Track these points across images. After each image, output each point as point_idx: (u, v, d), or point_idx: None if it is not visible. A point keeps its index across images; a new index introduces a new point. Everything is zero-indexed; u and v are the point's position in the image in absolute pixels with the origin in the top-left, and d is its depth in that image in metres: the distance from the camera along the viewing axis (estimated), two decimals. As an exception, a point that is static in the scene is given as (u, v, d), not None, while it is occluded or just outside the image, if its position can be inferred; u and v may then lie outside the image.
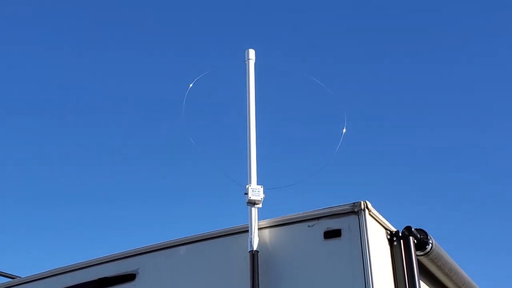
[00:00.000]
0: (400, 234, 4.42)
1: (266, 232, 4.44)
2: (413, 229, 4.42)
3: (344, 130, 4.82)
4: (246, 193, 4.48)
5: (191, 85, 5.04)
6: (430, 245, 4.53)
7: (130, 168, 15.27)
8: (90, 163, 15.43)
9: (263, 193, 4.50)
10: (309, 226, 4.32)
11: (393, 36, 15.85)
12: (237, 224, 4.56)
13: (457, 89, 15.82)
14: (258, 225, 4.42)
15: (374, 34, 15.63)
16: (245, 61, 5.10)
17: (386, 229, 4.42)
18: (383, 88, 15.46)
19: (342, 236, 4.19)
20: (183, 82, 5.24)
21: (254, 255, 4.30)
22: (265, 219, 4.49)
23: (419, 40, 15.78)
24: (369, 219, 4.20)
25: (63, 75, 15.20)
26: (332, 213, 4.27)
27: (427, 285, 4.90)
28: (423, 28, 15.71)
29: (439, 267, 4.84)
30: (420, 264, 4.50)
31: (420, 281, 4.35)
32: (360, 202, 4.20)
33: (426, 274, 4.84)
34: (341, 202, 4.30)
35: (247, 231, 4.40)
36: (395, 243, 4.41)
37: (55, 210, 15.61)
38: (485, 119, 15.82)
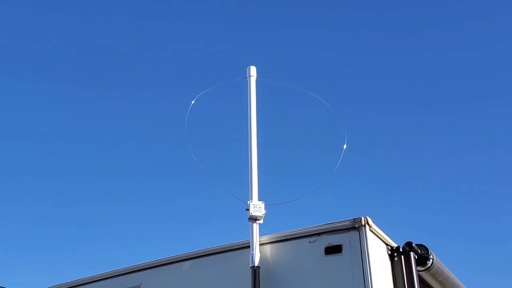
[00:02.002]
0: (401, 250, 4.44)
1: (268, 247, 4.46)
2: (413, 245, 4.43)
3: (345, 146, 4.85)
4: (248, 209, 4.51)
5: (193, 102, 5.07)
6: (431, 260, 4.55)
7: (133, 184, 15.29)
8: (92, 180, 15.46)
9: (265, 209, 4.52)
10: (310, 242, 4.34)
11: (393, 50, 15.91)
12: (239, 240, 4.58)
13: (458, 101, 15.88)
14: (259, 241, 4.44)
15: (375, 47, 15.70)
16: (246, 78, 5.14)
17: (386, 244, 4.44)
18: (383, 104, 15.50)
19: (343, 251, 4.21)
20: (185, 99, 5.28)
21: (255, 270, 4.32)
22: (266, 234, 4.51)
23: (420, 54, 15.84)
24: (369, 234, 4.22)
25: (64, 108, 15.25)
26: (333, 229, 4.29)
27: (428, 300, 4.91)
28: (427, 46, 15.79)
29: (440, 282, 4.85)
30: (421, 280, 4.52)
31: (421, 297, 4.38)
32: (361, 218, 4.22)
33: (427, 289, 4.86)
34: (341, 218, 4.32)
35: (249, 246, 4.43)
36: (395, 258, 4.43)
37: (58, 225, 15.62)
38: (486, 134, 15.84)
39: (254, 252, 4.37)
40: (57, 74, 15.29)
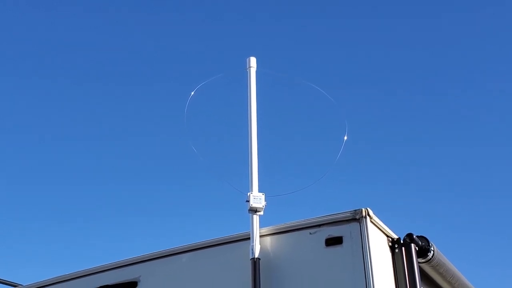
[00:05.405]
0: (402, 241, 4.42)
1: (268, 239, 4.44)
2: (414, 236, 4.41)
3: (346, 138, 4.82)
4: (248, 201, 4.49)
5: (192, 93, 5.05)
6: (432, 252, 4.53)
7: (132, 177, 15.29)
8: (91, 173, 15.45)
9: (265, 201, 4.50)
10: (310, 233, 4.32)
11: (393, 40, 15.86)
12: (239, 232, 4.56)
13: (458, 90, 15.84)
14: (259, 233, 4.42)
15: (376, 36, 15.65)
16: (246, 69, 5.11)
17: (387, 236, 4.42)
18: (383, 94, 15.47)
19: (343, 243, 4.19)
20: (184, 90, 5.25)
21: (255, 262, 4.30)
22: (266, 226, 4.49)
23: (419, 46, 15.79)
24: (370, 226, 4.20)
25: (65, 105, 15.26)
26: (334, 220, 4.27)
27: (429, 292, 4.89)
28: (424, 37, 15.72)
29: (441, 274, 4.84)
30: (422, 272, 4.50)
31: (422, 288, 4.36)
32: (362, 210, 4.20)
33: (428, 281, 4.83)
34: (342, 209, 4.30)
35: (249, 238, 4.41)
36: (396, 250, 4.41)
37: (57, 218, 15.62)
38: (487, 125, 15.82)
39: (254, 244, 4.36)
40: (57, 73, 15.30)
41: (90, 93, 15.33)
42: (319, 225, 4.31)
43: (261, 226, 4.46)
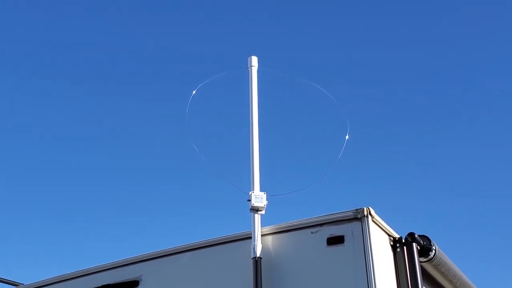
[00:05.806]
0: (403, 241, 4.41)
1: (269, 238, 4.43)
2: (416, 236, 4.41)
3: (347, 137, 4.82)
4: (249, 200, 4.48)
5: (194, 92, 5.04)
6: (434, 251, 4.53)
7: (133, 177, 15.27)
8: (91, 173, 15.43)
9: (266, 200, 4.50)
10: (312, 232, 4.32)
11: (393, 40, 15.85)
12: (240, 231, 4.56)
13: (459, 89, 15.82)
14: (261, 232, 4.42)
15: (376, 36, 15.64)
16: (247, 68, 5.10)
17: (389, 235, 4.41)
18: (384, 94, 15.46)
19: (345, 242, 4.19)
20: (184, 90, 5.24)
21: (257, 261, 4.29)
22: (268, 225, 4.49)
23: (419, 46, 15.77)
24: (372, 225, 4.19)
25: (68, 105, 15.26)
26: (335, 219, 4.27)
27: (431, 292, 4.89)
28: (428, 36, 15.71)
29: (443, 274, 4.83)
30: (423, 271, 4.50)
31: (424, 288, 4.36)
32: (363, 209, 4.20)
33: (430, 280, 4.83)
34: (344, 208, 4.30)
35: (250, 237, 4.40)
36: (398, 249, 4.41)
37: (57, 218, 15.60)
38: (489, 124, 15.80)
39: (255, 243, 4.35)
40: (57, 73, 15.29)
41: (90, 93, 15.33)
42: (320, 224, 4.30)
43: (262, 225, 4.46)
